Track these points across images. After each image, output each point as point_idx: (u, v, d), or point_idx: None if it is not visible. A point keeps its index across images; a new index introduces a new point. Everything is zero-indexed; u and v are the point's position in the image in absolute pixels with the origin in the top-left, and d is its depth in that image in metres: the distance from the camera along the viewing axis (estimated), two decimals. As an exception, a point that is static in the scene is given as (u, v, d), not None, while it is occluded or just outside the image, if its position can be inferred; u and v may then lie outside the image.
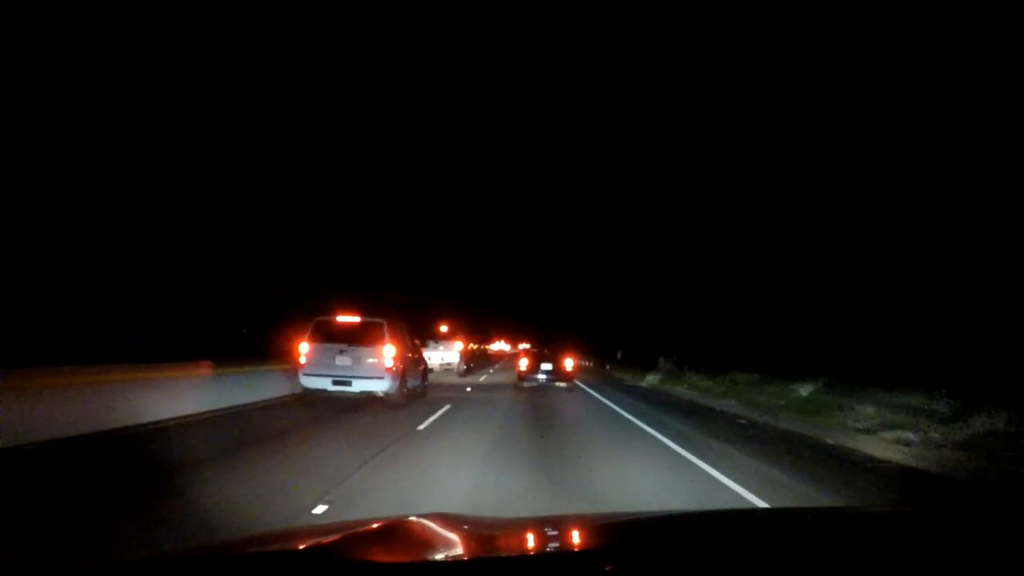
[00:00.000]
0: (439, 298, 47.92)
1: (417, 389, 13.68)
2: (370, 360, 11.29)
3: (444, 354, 22.58)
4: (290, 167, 36.23)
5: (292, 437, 8.15)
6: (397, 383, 11.47)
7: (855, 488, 6.26)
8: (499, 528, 1.86)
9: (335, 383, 11.20)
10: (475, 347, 33.60)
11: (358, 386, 11.19)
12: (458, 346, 23.34)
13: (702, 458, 7.47)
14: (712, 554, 1.41)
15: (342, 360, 11.30)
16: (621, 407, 13.97)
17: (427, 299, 44.97)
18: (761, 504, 5.33)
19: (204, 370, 14.05)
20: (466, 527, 1.70)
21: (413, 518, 1.68)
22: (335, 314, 11.93)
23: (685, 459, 7.55)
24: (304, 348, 11.50)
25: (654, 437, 9.39)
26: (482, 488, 5.61)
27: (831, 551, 1.44)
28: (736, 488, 5.93)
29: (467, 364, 23.69)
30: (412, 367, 12.97)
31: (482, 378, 21.87)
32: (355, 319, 11.77)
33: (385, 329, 11.54)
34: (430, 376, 15.62)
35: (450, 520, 1.74)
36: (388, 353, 11.30)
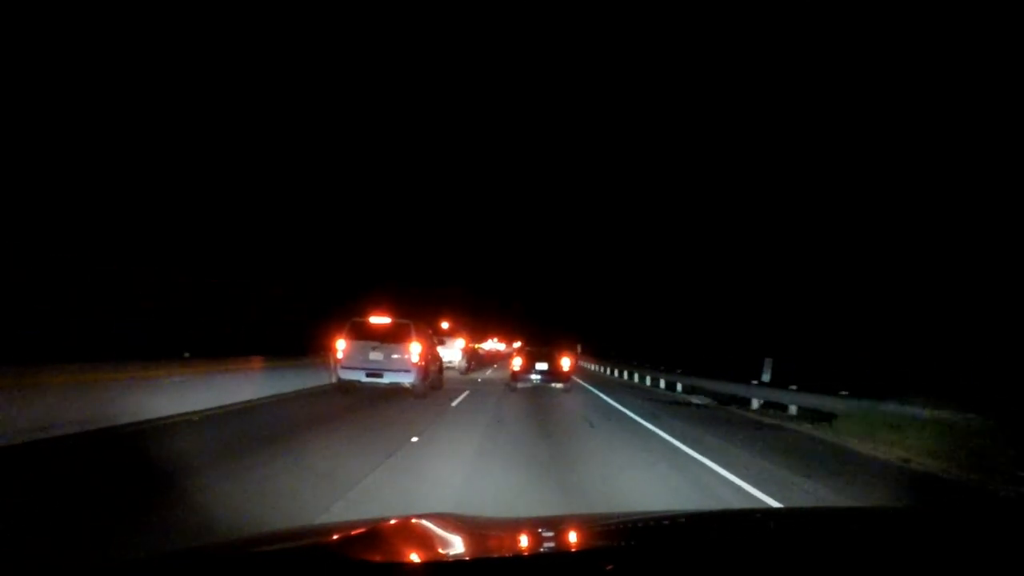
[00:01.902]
0: (439, 291, 49.03)
1: (435, 382, 15.50)
2: (399, 356, 13.08)
3: (445, 352, 22.02)
4: (289, 168, 37.83)
5: (361, 413, 10.15)
6: (421, 376, 13.28)
7: None
8: (499, 528, 1.88)
9: (368, 375, 12.98)
10: (474, 346, 34.48)
11: (388, 378, 12.98)
12: (460, 343, 23.54)
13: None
14: (713, 554, 1.42)
15: (375, 355, 13.08)
16: None
17: (427, 292, 46.08)
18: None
19: (257, 364, 15.94)
20: (466, 527, 1.72)
21: (414, 518, 1.69)
22: (368, 315, 13.72)
23: None
24: (341, 345, 13.26)
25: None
26: (493, 436, 8.47)
27: (832, 551, 1.45)
28: None
29: (469, 362, 24.50)
30: (432, 362, 14.79)
31: (479, 379, 21.90)
32: (386, 320, 13.57)
33: (412, 329, 13.36)
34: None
35: (450, 520, 1.76)
36: (415, 350, 13.11)
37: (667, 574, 1.27)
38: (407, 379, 13.04)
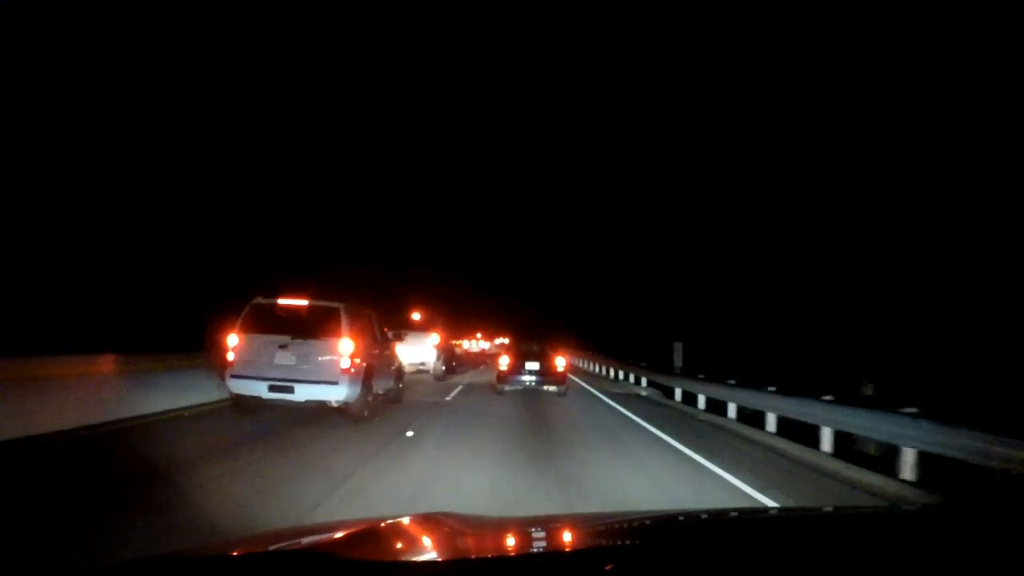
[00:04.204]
0: (412, 275, 42.81)
1: (390, 393, 10.90)
2: (320, 358, 8.42)
3: (415, 350, 17.73)
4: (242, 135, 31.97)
5: (204, 473, 5.28)
6: (358, 388, 8.63)
7: None
8: (499, 528, 1.80)
9: (272, 388, 8.32)
10: (454, 343, 28.45)
11: (304, 393, 8.32)
12: (434, 340, 18.50)
13: None
14: (712, 554, 1.38)
15: (283, 358, 8.42)
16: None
17: (399, 276, 39.97)
18: None
19: (105, 366, 11.15)
20: (466, 527, 1.66)
21: (413, 518, 1.64)
22: (276, 296, 9.01)
23: None
24: (233, 341, 8.62)
25: None
26: None
27: (832, 551, 1.40)
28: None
29: (447, 364, 19.20)
30: (382, 366, 10.14)
31: (456, 390, 15.46)
32: (302, 302, 8.88)
33: (342, 316, 8.66)
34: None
35: (450, 520, 1.69)
36: (345, 349, 8.44)
37: (667, 574, 1.24)
38: (334, 394, 8.39)
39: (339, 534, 1.51)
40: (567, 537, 1.72)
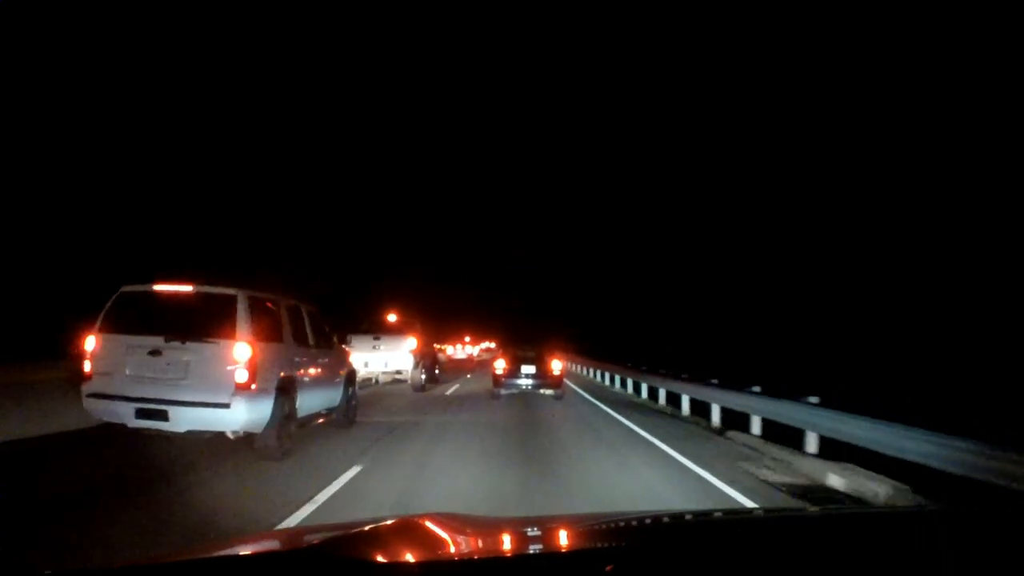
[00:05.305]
0: (400, 274, 39.90)
1: (336, 413, 8.35)
2: (205, 368, 5.84)
3: (388, 356, 15.24)
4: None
5: None
6: (266, 411, 6.04)
7: None
8: (499, 528, 1.80)
9: (141, 413, 5.76)
10: (438, 347, 25.39)
11: (183, 420, 5.74)
12: (410, 344, 15.47)
13: None
14: (712, 554, 1.38)
15: (154, 368, 5.85)
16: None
17: (378, 277, 37.25)
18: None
19: None
20: (466, 527, 1.66)
21: (412, 518, 1.64)
22: (154, 282, 6.41)
23: None
24: (90, 344, 6.07)
25: None
26: None
27: (830, 552, 1.40)
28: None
29: (427, 371, 16.27)
30: (316, 378, 7.54)
31: (437, 406, 12.19)
32: (185, 289, 6.26)
33: (239, 308, 6.03)
34: (363, 392, 10.19)
35: (450, 520, 1.69)
36: (241, 354, 5.85)
37: (667, 574, 1.24)
38: (228, 420, 5.83)
39: (339, 534, 1.51)
40: (567, 538, 1.69)
